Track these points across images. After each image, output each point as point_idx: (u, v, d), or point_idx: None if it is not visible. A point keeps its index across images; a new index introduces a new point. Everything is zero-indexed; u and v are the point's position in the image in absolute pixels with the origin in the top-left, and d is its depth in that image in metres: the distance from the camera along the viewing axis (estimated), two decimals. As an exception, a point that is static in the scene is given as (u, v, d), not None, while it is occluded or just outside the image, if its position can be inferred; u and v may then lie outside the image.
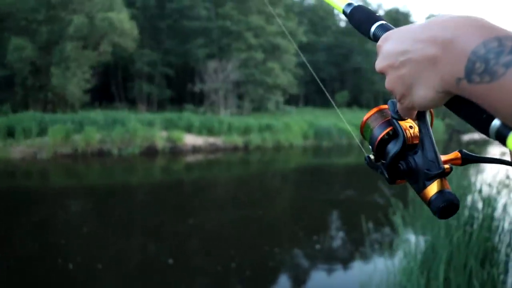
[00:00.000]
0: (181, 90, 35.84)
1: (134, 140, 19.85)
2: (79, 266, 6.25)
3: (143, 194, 12.46)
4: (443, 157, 0.57)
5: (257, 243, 7.59)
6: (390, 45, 0.53)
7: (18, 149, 17.40)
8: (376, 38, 0.62)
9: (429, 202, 0.54)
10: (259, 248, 7.32)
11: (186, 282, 6.08)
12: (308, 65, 1.00)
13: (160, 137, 20.86)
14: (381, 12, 54.16)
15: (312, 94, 46.85)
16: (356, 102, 45.30)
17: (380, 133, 0.60)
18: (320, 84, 1.00)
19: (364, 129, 0.65)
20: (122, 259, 6.83)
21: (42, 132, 18.47)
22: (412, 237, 4.23)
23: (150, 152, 20.21)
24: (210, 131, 23.21)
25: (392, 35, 0.54)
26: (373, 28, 0.63)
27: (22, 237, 7.83)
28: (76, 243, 7.45)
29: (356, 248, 7.26)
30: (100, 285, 5.72)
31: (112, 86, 36.16)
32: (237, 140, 23.30)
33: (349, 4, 0.70)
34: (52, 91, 26.56)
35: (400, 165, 0.58)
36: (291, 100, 41.97)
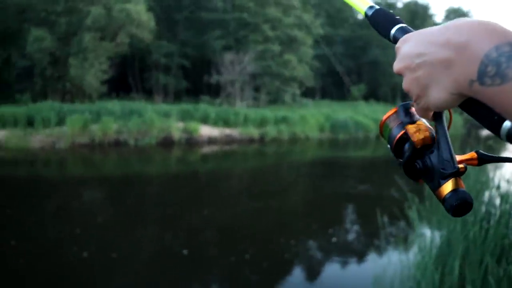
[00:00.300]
0: (197, 82, 35.94)
1: (150, 130, 19.98)
2: (94, 255, 6.34)
3: (158, 184, 12.56)
4: (459, 157, 0.59)
5: (271, 235, 7.61)
6: (408, 47, 0.55)
7: (38, 138, 17.65)
8: (395, 40, 0.64)
9: (443, 200, 0.55)
10: (274, 240, 7.34)
11: (200, 273, 6.13)
12: (331, 58, 1.01)
13: (176, 128, 20.96)
14: (399, 5, 53.53)
15: (329, 87, 46.59)
16: (373, 95, 44.91)
17: (398, 134, 0.63)
18: (341, 72, 1.00)
19: (383, 128, 0.67)
20: (137, 249, 6.91)
21: (60, 122, 18.69)
22: (427, 232, 4.20)
23: (166, 142, 20.33)
24: (226, 123, 23.25)
25: (410, 38, 0.56)
26: (393, 31, 0.66)
27: (39, 225, 7.96)
28: (91, 232, 7.56)
29: (370, 241, 7.24)
30: (115, 275, 5.81)
31: (129, 77, 36.39)
32: (253, 132, 23.31)
33: (371, 7, 0.73)
34: (70, 81, 26.85)
35: (417, 163, 0.60)
36: (308, 93, 41.77)
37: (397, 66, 0.57)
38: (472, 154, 0.61)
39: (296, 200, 10.94)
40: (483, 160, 0.60)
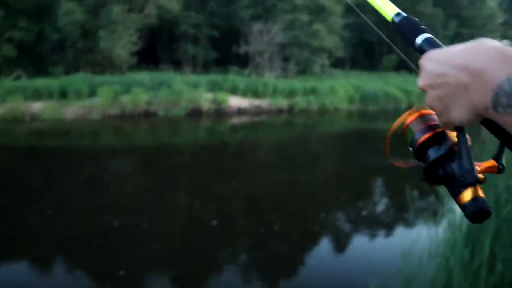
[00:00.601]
0: (226, 52, 35.74)
1: (179, 101, 20.10)
2: (125, 224, 6.51)
3: (188, 155, 12.72)
4: (479, 165, 0.62)
5: (300, 207, 7.66)
6: (430, 66, 0.59)
7: (71, 110, 18.02)
8: (419, 49, 0.68)
9: (463, 207, 0.59)
10: (302, 211, 7.39)
11: (229, 243, 6.24)
12: (372, 25, 1.01)
13: (205, 99, 21.03)
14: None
15: (359, 57, 45.71)
16: (404, 66, 43.82)
17: (421, 137, 0.66)
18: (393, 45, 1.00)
19: (406, 131, 0.70)
20: (166, 219, 7.06)
21: (92, 93, 19.00)
22: (457, 208, 4.16)
23: (195, 113, 20.46)
24: (255, 93, 23.17)
25: (433, 56, 0.60)
26: (418, 40, 0.69)
27: (73, 194, 8.21)
28: (122, 201, 7.75)
29: (399, 215, 7.22)
30: (144, 244, 5.96)
31: (158, 48, 36.46)
32: (282, 102, 23.20)
33: (398, 14, 0.76)
34: (100, 53, 27.11)
35: (439, 170, 0.63)
36: (338, 63, 41.07)
37: (420, 83, 0.61)
38: (491, 162, 0.63)
39: (325, 172, 10.94)
40: (504, 168, 0.63)
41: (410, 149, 0.68)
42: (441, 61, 0.57)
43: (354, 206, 7.75)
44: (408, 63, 0.80)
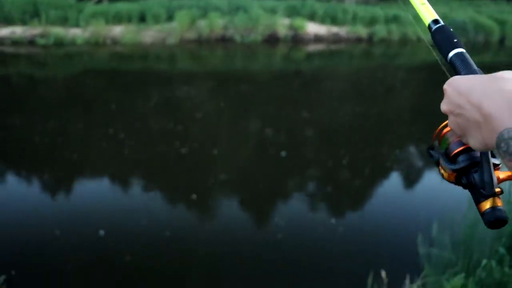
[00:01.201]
0: (306, -25, 34.36)
1: (256, 27, 19.85)
2: (195, 150, 6.75)
3: (261, 82, 12.72)
4: (499, 174, 0.67)
5: (372, 141, 7.54)
6: (452, 94, 0.64)
7: (149, 34, 18.38)
8: (451, 63, 0.72)
9: (482, 214, 0.65)
10: (375, 146, 7.28)
11: (297, 174, 6.34)
12: None
13: (282, 25, 20.60)
14: None
15: (450, -19, 42.22)
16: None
17: (456, 149, 0.70)
18: None
19: (442, 139, 0.75)
20: (236, 146, 7.23)
21: (170, 18, 19.19)
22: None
23: (272, 39, 20.19)
24: (334, 20, 22.32)
25: (455, 85, 0.64)
26: (451, 54, 0.72)
27: (146, 118, 8.56)
28: (194, 127, 7.98)
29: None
30: (215, 170, 6.17)
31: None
32: (361, 31, 22.22)
33: (435, 21, 0.79)
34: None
35: (462, 179, 0.69)
36: (425, -12, 38.21)
37: (443, 107, 0.67)
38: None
39: (401, 106, 10.57)
40: None
41: (442, 151, 0.73)
42: (461, 92, 0.62)
43: (429, 143, 7.51)
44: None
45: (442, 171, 0.70)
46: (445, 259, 3.45)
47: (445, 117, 0.69)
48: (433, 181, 6.17)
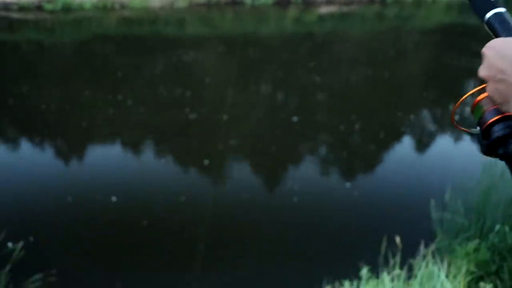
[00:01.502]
0: None
1: (266, -11, 19.43)
2: (205, 116, 6.69)
3: (272, 46, 12.53)
4: None
5: (384, 105, 7.44)
6: (493, 58, 0.59)
7: (158, -3, 18.11)
8: (489, 25, 0.65)
9: None
10: (387, 110, 7.18)
11: (308, 138, 6.29)
12: None
13: (293, -13, 20.14)
14: None
15: None
16: None
17: (491, 118, 0.64)
18: None
19: (475, 108, 0.68)
20: (247, 111, 7.16)
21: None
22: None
23: (283, 2, 19.78)
24: (346, -19, 21.78)
25: (497, 47, 0.59)
26: (488, 15, 0.65)
27: (156, 83, 8.49)
28: (203, 93, 7.91)
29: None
30: (226, 136, 6.13)
31: None
32: (374, -9, 21.68)
33: None
34: None
35: (499, 149, 0.63)
36: None
37: (482, 72, 0.61)
38: None
39: (413, 70, 10.37)
40: None
41: (478, 128, 0.67)
42: (504, 56, 0.57)
43: (442, 108, 7.39)
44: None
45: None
46: (458, 224, 3.42)
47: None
48: (447, 146, 6.10)
